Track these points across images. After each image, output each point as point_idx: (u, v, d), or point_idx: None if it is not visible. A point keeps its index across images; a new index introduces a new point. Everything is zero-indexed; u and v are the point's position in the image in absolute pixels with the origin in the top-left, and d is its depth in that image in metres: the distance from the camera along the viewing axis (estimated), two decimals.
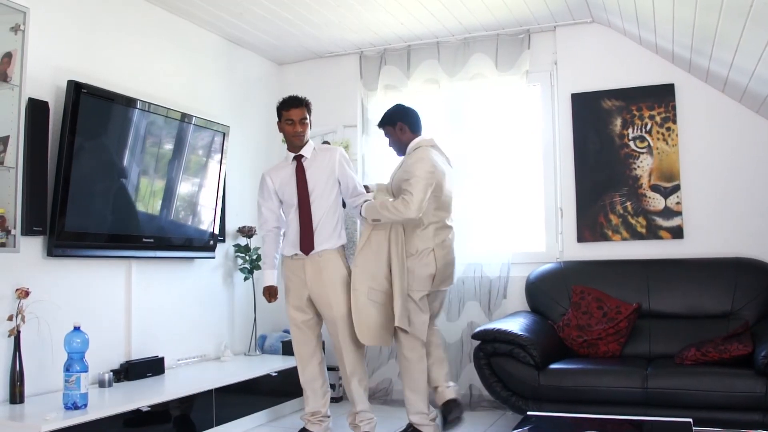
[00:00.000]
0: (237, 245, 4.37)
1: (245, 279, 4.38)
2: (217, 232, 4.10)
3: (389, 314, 3.24)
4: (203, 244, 4.00)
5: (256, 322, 4.45)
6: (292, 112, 3.33)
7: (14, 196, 2.82)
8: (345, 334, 3.27)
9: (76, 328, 2.93)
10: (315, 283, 3.29)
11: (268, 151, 4.85)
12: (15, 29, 2.83)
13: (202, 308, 4.14)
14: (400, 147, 3.47)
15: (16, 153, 2.81)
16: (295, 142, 3.37)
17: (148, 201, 3.65)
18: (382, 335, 3.25)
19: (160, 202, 3.72)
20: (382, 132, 3.54)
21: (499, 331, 3.48)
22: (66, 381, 2.85)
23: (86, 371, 2.88)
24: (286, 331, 4.62)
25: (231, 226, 4.38)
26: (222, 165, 4.11)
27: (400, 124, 3.43)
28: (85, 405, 2.85)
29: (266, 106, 4.85)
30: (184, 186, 3.87)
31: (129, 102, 3.47)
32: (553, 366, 3.44)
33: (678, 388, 3.16)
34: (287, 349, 4.35)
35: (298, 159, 3.36)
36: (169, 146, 3.75)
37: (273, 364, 4.02)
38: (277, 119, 3.41)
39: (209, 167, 4.04)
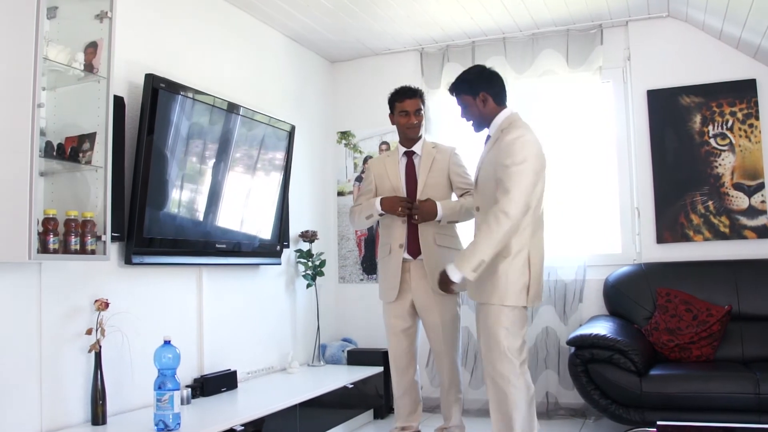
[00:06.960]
0: (299, 251, 4.14)
1: (308, 286, 4.15)
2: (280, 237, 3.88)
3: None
4: (271, 249, 3.78)
5: (319, 330, 4.22)
6: (406, 103, 3.16)
7: (103, 198, 2.57)
8: (447, 342, 3.09)
9: (167, 342, 2.70)
10: (419, 286, 3.09)
11: (323, 152, 4.65)
12: (101, 17, 2.59)
13: (267, 317, 3.90)
14: (481, 121, 2.79)
15: (104, 151, 2.56)
16: (409, 134, 3.19)
17: (221, 204, 3.42)
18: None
19: (232, 205, 3.49)
20: (453, 109, 2.94)
21: (597, 337, 3.32)
22: (158, 400, 2.62)
23: (178, 389, 2.66)
24: (346, 340, 4.41)
25: (293, 231, 4.15)
26: (288, 166, 3.90)
27: (484, 94, 2.73)
28: (178, 425, 2.63)
29: (318, 104, 4.65)
30: (254, 188, 3.65)
31: (206, 99, 3.25)
32: (654, 372, 3.28)
33: None
34: (352, 358, 4.15)
35: (409, 155, 3.17)
36: (241, 146, 3.52)
37: (343, 375, 3.81)
38: (389, 112, 3.23)
39: (277, 169, 3.83)
